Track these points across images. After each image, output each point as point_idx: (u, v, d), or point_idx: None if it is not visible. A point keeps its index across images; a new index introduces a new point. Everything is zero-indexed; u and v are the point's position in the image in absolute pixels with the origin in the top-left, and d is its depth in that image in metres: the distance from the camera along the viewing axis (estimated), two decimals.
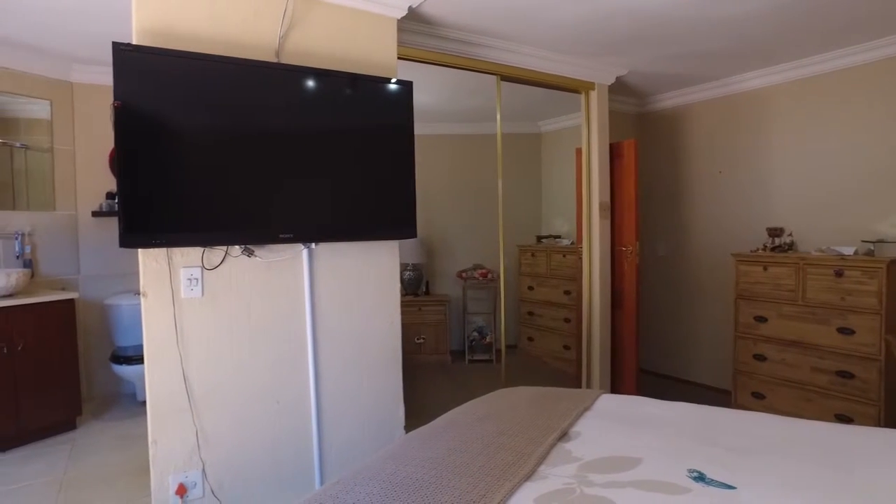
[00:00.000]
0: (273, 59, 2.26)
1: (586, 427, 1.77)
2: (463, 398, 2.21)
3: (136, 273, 3.88)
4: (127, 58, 1.92)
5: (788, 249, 3.52)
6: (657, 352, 4.71)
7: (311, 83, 2.25)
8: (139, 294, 3.82)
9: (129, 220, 1.95)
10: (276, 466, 2.34)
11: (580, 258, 4.00)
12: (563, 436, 1.70)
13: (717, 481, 1.31)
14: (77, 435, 3.20)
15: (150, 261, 2.09)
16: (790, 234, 3.61)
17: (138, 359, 3.48)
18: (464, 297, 5.16)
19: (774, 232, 3.64)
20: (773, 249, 3.55)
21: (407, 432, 2.60)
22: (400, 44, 2.66)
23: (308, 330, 2.36)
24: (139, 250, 2.08)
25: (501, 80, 3.41)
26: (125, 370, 3.50)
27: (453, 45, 3.08)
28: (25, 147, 3.59)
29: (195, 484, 2.17)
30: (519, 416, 1.85)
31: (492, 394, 2.20)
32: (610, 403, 2.04)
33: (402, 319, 2.64)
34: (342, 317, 2.46)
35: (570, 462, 1.49)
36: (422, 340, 4.90)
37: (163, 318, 2.11)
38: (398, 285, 2.59)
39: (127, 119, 1.93)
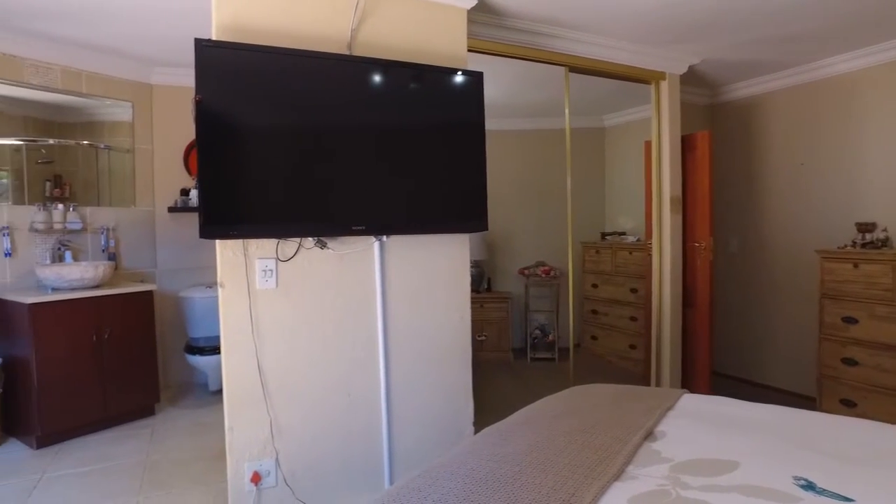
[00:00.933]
0: (345, 52, 2.27)
1: (672, 426, 1.68)
2: (528, 396, 2.16)
3: (209, 267, 4.07)
4: (208, 53, 1.97)
5: (882, 246, 3.27)
6: (729, 353, 4.48)
7: (384, 75, 2.25)
8: (210, 287, 3.98)
9: (208, 212, 2.00)
10: (346, 458, 2.35)
11: (649, 255, 3.86)
12: (649, 435, 1.62)
13: (830, 491, 1.21)
14: (156, 421, 3.34)
15: (227, 252, 2.13)
16: (884, 230, 3.35)
17: (210, 350, 3.60)
18: (526, 294, 5.08)
19: (865, 227, 3.39)
20: (863, 246, 3.30)
21: (476, 429, 2.58)
22: (468, 36, 2.62)
23: (379, 322, 2.36)
24: (217, 242, 2.13)
25: (570, 71, 3.32)
26: (198, 360, 3.62)
27: (521, 37, 3.02)
28: (109, 148, 3.78)
29: (269, 472, 2.21)
30: (599, 414, 1.79)
31: (567, 391, 2.13)
32: (693, 403, 1.94)
33: None
34: (412, 310, 2.45)
35: (661, 462, 1.41)
36: (483, 338, 4.85)
37: (239, 309, 2.15)
38: (468, 279, 2.56)
39: (207, 113, 1.97)
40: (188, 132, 3.97)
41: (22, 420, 3.02)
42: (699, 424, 1.69)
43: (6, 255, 3.24)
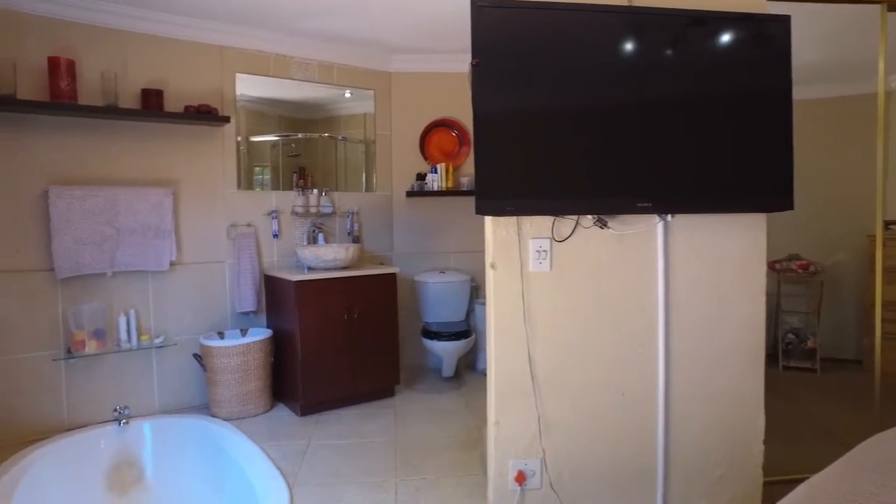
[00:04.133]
0: (624, 3, 1.98)
1: None
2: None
3: (441, 252, 4.11)
4: (483, 14, 1.83)
5: None
6: None
7: (672, 27, 1.91)
8: (443, 272, 3.99)
9: (484, 187, 1.86)
10: (616, 465, 2.08)
11: None
12: None
13: None
14: (396, 402, 3.41)
15: (500, 230, 1.98)
16: None
17: (447, 335, 3.59)
18: (777, 292, 4.35)
19: None
20: None
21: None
22: None
23: (659, 314, 2.04)
24: (488, 221, 2.00)
25: (889, 10, 2.63)
26: (435, 345, 3.63)
27: None
28: (345, 140, 3.99)
29: (534, 473, 2.03)
30: None
31: None
32: None
33: None
34: (697, 300, 2.08)
35: None
36: None
37: (510, 293, 1.99)
38: (764, 267, 2.11)
39: (483, 78, 1.84)
40: (424, 117, 4.04)
41: (288, 388, 3.28)
42: None
43: (274, 236, 3.55)
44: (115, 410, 2.90)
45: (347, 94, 3.93)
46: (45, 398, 2.88)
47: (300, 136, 3.82)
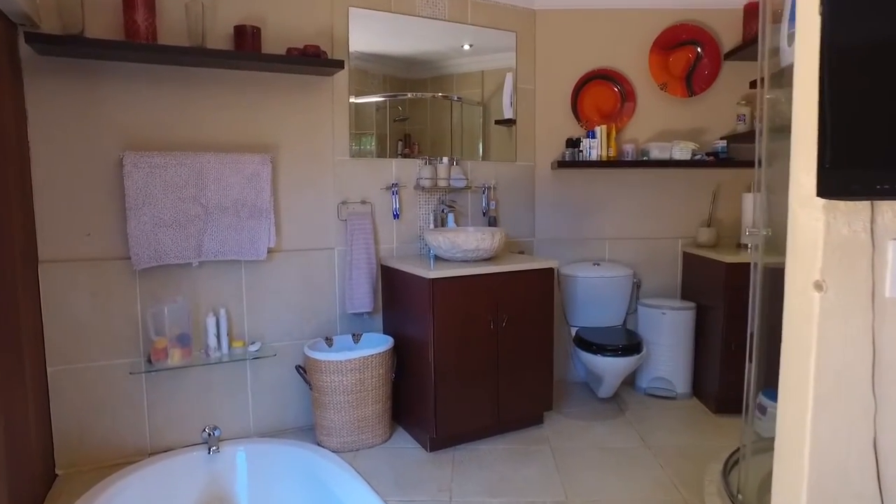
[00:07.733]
0: None
1: None
2: None
3: (594, 239, 3.20)
4: None
5: None
6: None
7: None
8: (598, 264, 3.15)
9: (838, 151, 1.02)
10: None
11: None
12: None
13: None
14: (547, 433, 2.63)
15: (837, 225, 1.13)
16: None
17: (611, 349, 2.75)
18: None
19: None
20: None
21: None
22: None
23: None
24: (812, 209, 1.15)
25: None
26: (597, 362, 2.77)
27: None
28: (460, 100, 3.22)
29: None
30: None
31: None
32: None
33: None
34: None
35: None
36: None
37: (848, 332, 1.15)
38: None
39: None
40: (577, 68, 3.16)
41: (413, 412, 2.56)
42: None
43: (395, 216, 2.83)
44: (204, 432, 2.33)
45: (466, 47, 3.14)
46: (124, 415, 2.33)
47: (409, 95, 3.08)
